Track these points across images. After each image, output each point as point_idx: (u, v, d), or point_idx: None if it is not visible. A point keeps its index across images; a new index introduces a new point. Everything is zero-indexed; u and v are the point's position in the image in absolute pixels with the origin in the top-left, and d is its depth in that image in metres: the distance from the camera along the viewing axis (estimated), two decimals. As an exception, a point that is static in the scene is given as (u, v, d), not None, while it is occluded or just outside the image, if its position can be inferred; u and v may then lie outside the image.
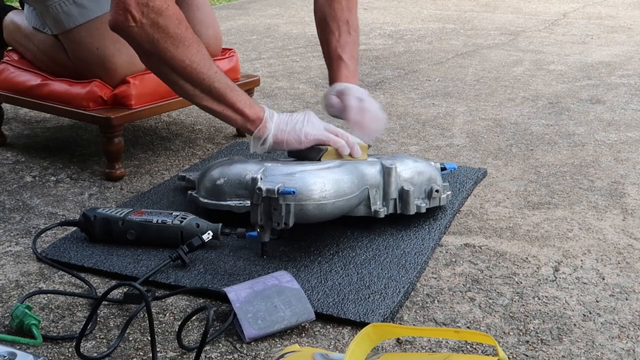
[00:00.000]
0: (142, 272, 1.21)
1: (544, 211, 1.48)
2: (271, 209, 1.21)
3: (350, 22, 1.57)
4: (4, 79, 1.80)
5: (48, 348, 1.04)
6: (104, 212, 1.32)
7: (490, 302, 1.15)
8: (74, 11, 1.63)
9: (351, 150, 1.36)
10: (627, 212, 1.47)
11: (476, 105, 2.22)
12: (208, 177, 1.39)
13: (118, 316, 1.12)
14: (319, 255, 1.28)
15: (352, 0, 1.59)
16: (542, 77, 2.56)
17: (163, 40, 1.27)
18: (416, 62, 2.80)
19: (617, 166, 1.71)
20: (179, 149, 1.86)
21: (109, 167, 1.65)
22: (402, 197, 1.35)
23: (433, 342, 1.05)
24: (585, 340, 1.05)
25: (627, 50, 2.99)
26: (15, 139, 1.95)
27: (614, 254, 1.30)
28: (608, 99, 2.27)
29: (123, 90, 1.64)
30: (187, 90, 1.33)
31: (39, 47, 1.75)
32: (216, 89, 1.32)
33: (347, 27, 1.57)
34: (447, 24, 3.64)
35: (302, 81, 2.54)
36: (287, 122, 1.36)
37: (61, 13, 1.64)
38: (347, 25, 1.57)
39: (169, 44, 1.28)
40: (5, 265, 1.27)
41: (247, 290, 1.10)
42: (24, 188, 1.62)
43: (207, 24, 1.81)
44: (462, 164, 1.72)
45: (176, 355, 1.02)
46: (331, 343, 1.05)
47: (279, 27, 3.57)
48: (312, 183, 1.22)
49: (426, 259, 1.27)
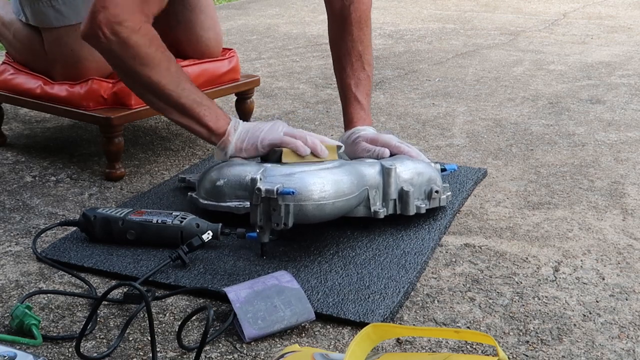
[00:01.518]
0: (142, 272, 1.21)
1: (544, 211, 1.48)
2: (270, 210, 1.21)
3: (364, 57, 1.58)
4: (4, 80, 1.80)
5: (48, 348, 1.04)
6: (104, 212, 1.32)
7: (490, 302, 1.15)
8: (50, 14, 1.66)
9: (312, 149, 1.35)
10: (627, 212, 1.47)
11: (476, 105, 2.22)
12: (208, 178, 1.39)
13: (118, 316, 1.12)
14: (319, 255, 1.28)
15: (365, 33, 1.59)
16: (542, 77, 2.56)
17: (130, 59, 1.34)
18: (416, 62, 2.80)
19: (617, 166, 1.71)
20: (179, 149, 1.86)
21: (109, 167, 1.65)
22: (401, 197, 1.35)
23: (433, 342, 1.05)
24: (585, 340, 1.05)
25: (627, 50, 2.99)
26: (15, 139, 1.95)
27: (614, 254, 1.30)
28: (608, 99, 2.27)
29: (123, 88, 1.64)
30: (154, 103, 1.40)
31: (15, 35, 1.78)
32: (182, 105, 1.38)
33: (360, 62, 1.57)
34: (447, 24, 3.64)
35: (302, 81, 2.54)
36: (247, 131, 1.40)
37: (39, 13, 1.67)
38: (361, 60, 1.58)
39: (136, 62, 1.34)
40: (5, 265, 1.27)
41: (247, 290, 1.10)
42: (24, 188, 1.62)
43: (207, 27, 1.81)
44: (462, 164, 1.72)
45: (176, 355, 1.02)
46: (331, 343, 1.05)
47: (279, 27, 3.57)
48: (312, 183, 1.22)
49: (426, 259, 1.27)
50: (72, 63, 1.67)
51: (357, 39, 1.57)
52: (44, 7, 1.65)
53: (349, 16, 1.58)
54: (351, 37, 1.57)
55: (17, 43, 1.79)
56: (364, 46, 1.58)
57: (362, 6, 1.59)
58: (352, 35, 1.57)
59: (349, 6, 1.58)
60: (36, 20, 1.68)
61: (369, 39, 1.60)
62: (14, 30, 1.77)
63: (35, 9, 1.66)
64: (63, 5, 1.65)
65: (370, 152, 1.46)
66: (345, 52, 1.58)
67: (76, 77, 1.67)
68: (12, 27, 1.77)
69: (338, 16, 1.59)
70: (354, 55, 1.57)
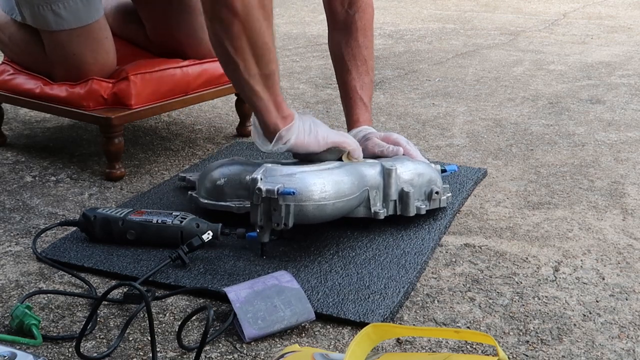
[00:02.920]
0: (142, 272, 1.21)
1: (544, 211, 1.48)
2: (271, 210, 1.21)
3: (368, 62, 1.58)
4: (4, 80, 1.80)
5: (48, 348, 1.04)
6: (104, 212, 1.32)
7: (490, 302, 1.15)
8: (50, 18, 1.64)
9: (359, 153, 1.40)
10: (627, 212, 1.47)
11: (476, 105, 2.22)
12: (208, 177, 1.39)
13: (118, 316, 1.12)
14: (319, 255, 1.28)
15: (370, 40, 1.59)
16: (542, 77, 2.56)
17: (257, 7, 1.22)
18: (416, 62, 2.80)
19: (617, 166, 1.71)
20: (179, 149, 1.86)
21: (109, 167, 1.65)
22: (402, 198, 1.35)
23: (433, 342, 1.05)
24: (585, 340, 1.05)
25: (627, 50, 2.99)
26: (15, 139, 1.95)
27: (614, 254, 1.30)
28: (608, 99, 2.27)
29: (123, 88, 1.64)
30: (250, 69, 1.26)
31: (11, 38, 1.76)
32: (273, 77, 1.28)
33: (365, 66, 1.58)
34: (447, 24, 3.64)
35: (302, 81, 2.54)
36: (310, 123, 1.33)
37: (38, 16, 1.65)
38: (366, 65, 1.58)
39: (261, 13, 1.23)
40: (5, 265, 1.27)
41: (247, 290, 1.10)
42: (24, 188, 1.62)
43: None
44: (462, 164, 1.72)
45: (176, 355, 1.02)
46: (331, 343, 1.05)
47: (279, 27, 3.57)
48: (312, 184, 1.22)
49: (426, 259, 1.27)
50: (74, 66, 1.66)
51: (362, 45, 1.58)
52: (43, 11, 1.64)
53: (354, 24, 1.58)
54: (357, 43, 1.58)
55: (14, 46, 1.77)
56: (368, 52, 1.59)
57: (367, 15, 1.59)
58: (358, 42, 1.58)
59: (353, 15, 1.58)
60: (35, 22, 1.67)
61: (372, 46, 1.61)
62: (10, 34, 1.75)
63: (35, 12, 1.65)
64: (63, 10, 1.63)
65: (383, 148, 1.45)
66: (351, 56, 1.58)
67: (77, 78, 1.67)
68: (7, 30, 1.75)
69: (341, 24, 1.59)
70: (360, 59, 1.58)
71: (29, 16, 1.67)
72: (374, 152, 1.45)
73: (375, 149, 1.45)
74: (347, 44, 1.58)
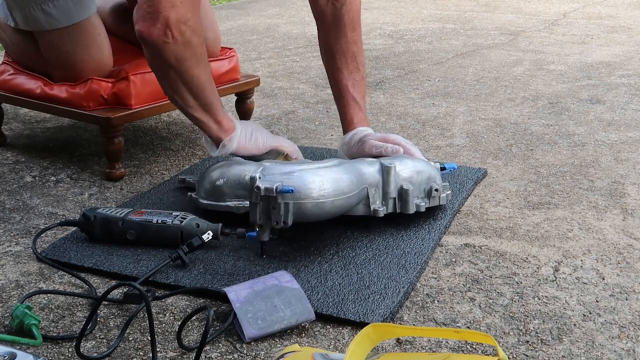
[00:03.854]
0: (142, 272, 1.21)
1: (544, 211, 1.48)
2: (270, 208, 1.21)
3: (357, 58, 1.58)
4: (4, 80, 1.80)
5: (48, 348, 1.04)
6: (104, 212, 1.32)
7: (490, 302, 1.15)
8: (41, 18, 1.64)
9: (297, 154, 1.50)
10: (627, 212, 1.47)
11: (476, 105, 2.22)
12: (207, 178, 1.39)
13: (118, 316, 1.12)
14: (319, 255, 1.28)
15: (358, 34, 1.59)
16: (542, 77, 2.56)
17: (189, 59, 1.33)
18: (416, 62, 2.80)
19: (617, 166, 1.71)
20: (179, 149, 1.86)
21: (109, 167, 1.65)
22: (401, 196, 1.35)
23: (433, 342, 1.05)
24: (585, 340, 1.05)
25: (627, 50, 2.99)
26: (15, 139, 1.95)
27: (614, 254, 1.30)
28: (608, 99, 2.27)
29: (123, 88, 1.64)
30: (186, 101, 1.38)
31: (11, 39, 1.77)
32: (209, 103, 1.39)
33: (355, 63, 1.58)
34: (447, 24, 3.64)
35: (302, 81, 2.54)
36: (252, 129, 1.45)
37: (29, 17, 1.65)
38: (356, 61, 1.58)
39: (193, 62, 1.34)
40: (5, 265, 1.27)
41: (247, 290, 1.10)
42: (24, 188, 1.62)
43: (206, 28, 1.81)
44: (462, 164, 1.72)
45: (176, 355, 1.02)
46: (331, 343, 1.05)
47: (279, 27, 3.57)
48: (311, 182, 1.22)
49: (426, 259, 1.27)
50: (69, 65, 1.66)
51: (351, 41, 1.57)
52: (34, 12, 1.63)
53: (342, 18, 1.56)
54: (345, 39, 1.57)
55: (13, 46, 1.78)
56: (357, 47, 1.58)
57: (354, 7, 1.58)
58: (347, 37, 1.57)
59: (340, 8, 1.56)
60: (27, 24, 1.67)
61: (361, 40, 1.60)
62: (9, 34, 1.76)
63: (26, 14, 1.65)
64: (54, 9, 1.62)
65: (380, 148, 1.45)
66: (340, 53, 1.57)
67: (75, 78, 1.67)
68: (7, 30, 1.76)
69: (329, 19, 1.58)
70: (349, 56, 1.57)
71: (21, 19, 1.67)
72: (372, 154, 1.45)
73: (373, 151, 1.46)
74: (336, 41, 1.57)
